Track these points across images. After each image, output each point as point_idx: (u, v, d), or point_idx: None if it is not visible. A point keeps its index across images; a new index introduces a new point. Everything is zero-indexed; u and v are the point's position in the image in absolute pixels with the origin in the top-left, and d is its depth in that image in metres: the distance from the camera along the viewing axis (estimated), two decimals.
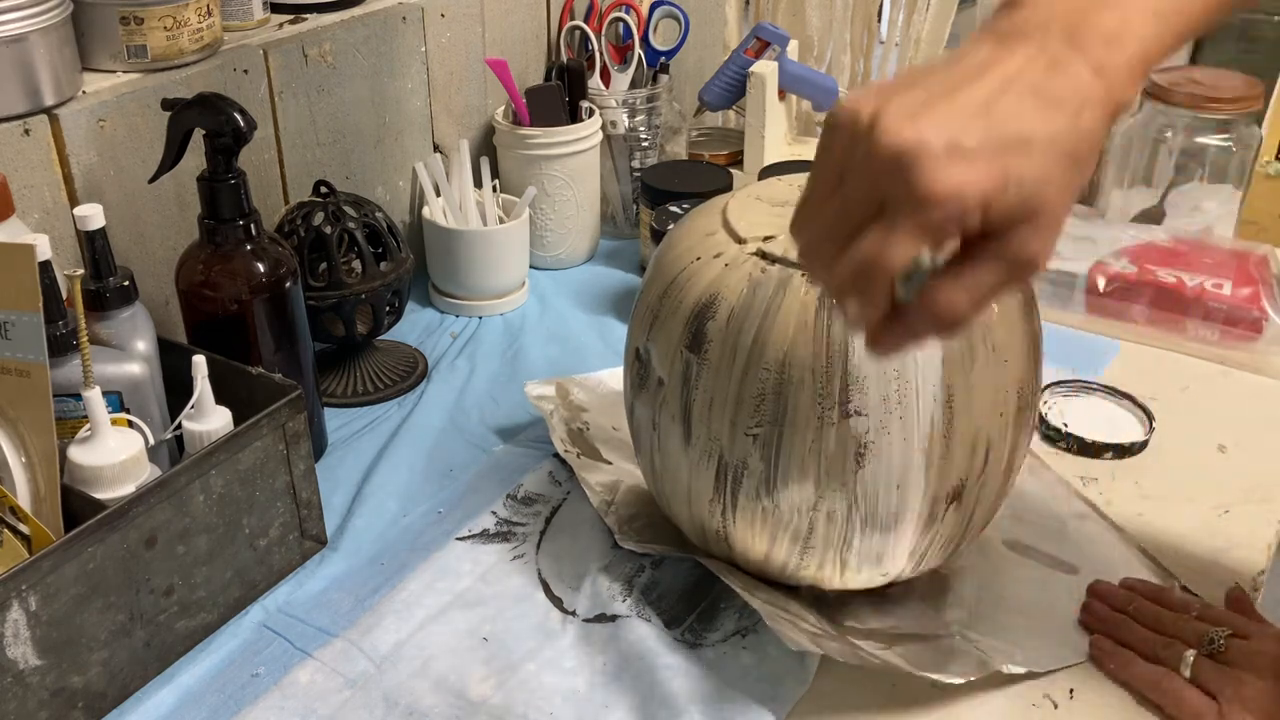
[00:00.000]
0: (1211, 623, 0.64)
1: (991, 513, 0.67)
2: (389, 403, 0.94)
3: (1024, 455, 0.66)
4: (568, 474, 0.83)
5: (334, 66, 0.98)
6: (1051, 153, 0.42)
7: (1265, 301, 0.99)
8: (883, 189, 0.42)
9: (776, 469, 0.60)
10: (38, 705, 0.60)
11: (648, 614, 0.70)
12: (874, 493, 0.60)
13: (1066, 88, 0.43)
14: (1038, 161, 0.42)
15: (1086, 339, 1.01)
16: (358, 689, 0.66)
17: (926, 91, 0.43)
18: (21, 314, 0.64)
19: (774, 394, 0.59)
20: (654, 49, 1.23)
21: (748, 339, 0.60)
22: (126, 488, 0.66)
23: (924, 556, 0.65)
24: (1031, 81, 0.43)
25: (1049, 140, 0.42)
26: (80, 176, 0.80)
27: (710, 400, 0.61)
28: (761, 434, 0.60)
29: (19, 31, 0.74)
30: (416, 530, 0.79)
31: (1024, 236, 0.43)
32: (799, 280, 0.60)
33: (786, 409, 0.59)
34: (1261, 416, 0.91)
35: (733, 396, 0.60)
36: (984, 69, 0.43)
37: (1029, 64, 0.43)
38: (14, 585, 0.57)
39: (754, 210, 0.66)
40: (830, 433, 0.59)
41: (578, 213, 1.15)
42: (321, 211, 0.91)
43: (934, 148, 0.41)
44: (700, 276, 0.62)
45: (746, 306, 0.60)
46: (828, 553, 0.63)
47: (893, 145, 0.41)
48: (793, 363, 0.58)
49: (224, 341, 0.77)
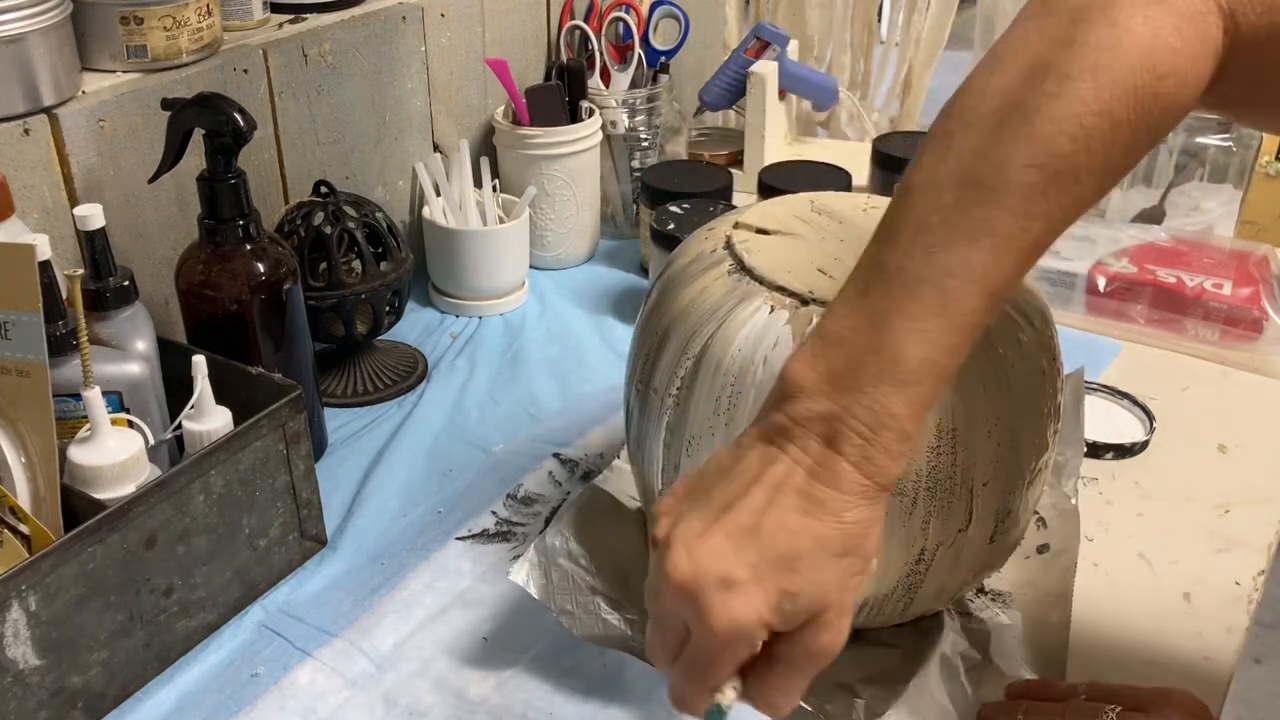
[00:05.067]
0: (1102, 700, 0.60)
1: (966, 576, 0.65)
2: (389, 403, 0.94)
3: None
4: (568, 474, 0.83)
5: (334, 66, 0.98)
6: (820, 559, 0.46)
7: (1265, 301, 0.99)
8: (681, 615, 0.47)
9: None
10: (37, 705, 0.60)
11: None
12: None
13: (827, 491, 0.46)
14: (808, 575, 0.46)
15: (1086, 339, 1.01)
16: (358, 689, 0.66)
17: (706, 509, 0.47)
18: (21, 314, 0.64)
19: None
20: (654, 49, 1.23)
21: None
22: (126, 488, 0.66)
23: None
24: (795, 487, 0.46)
25: (816, 548, 0.46)
26: (80, 176, 0.80)
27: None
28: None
29: (19, 31, 0.74)
30: (416, 530, 0.79)
31: (812, 634, 0.47)
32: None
33: None
34: (1261, 416, 0.91)
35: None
36: (754, 480, 0.47)
37: (792, 471, 0.47)
38: (14, 585, 0.57)
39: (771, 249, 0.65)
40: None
41: (578, 213, 1.15)
42: (321, 211, 0.91)
43: (709, 583, 0.45)
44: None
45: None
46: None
47: (676, 580, 0.46)
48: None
49: (224, 341, 0.77)
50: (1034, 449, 0.62)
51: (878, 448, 0.46)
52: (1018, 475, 0.61)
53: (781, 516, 0.46)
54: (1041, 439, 0.62)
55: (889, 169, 1.17)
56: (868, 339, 0.46)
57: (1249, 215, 1.26)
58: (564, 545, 0.71)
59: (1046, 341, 0.63)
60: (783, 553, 0.46)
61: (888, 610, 0.64)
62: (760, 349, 0.59)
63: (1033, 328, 0.62)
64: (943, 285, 0.45)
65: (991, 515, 0.61)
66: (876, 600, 0.63)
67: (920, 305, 0.46)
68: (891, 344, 0.46)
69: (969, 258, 0.45)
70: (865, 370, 0.46)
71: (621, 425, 0.86)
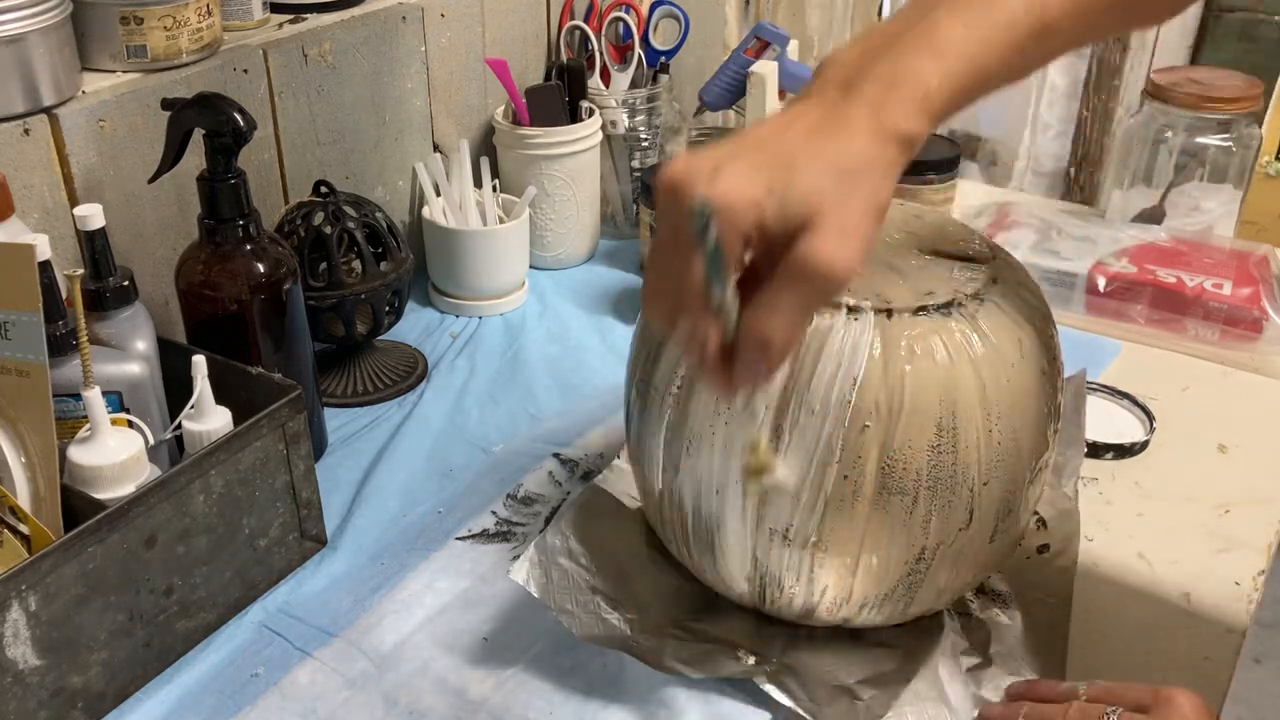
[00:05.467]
0: (1102, 700, 0.60)
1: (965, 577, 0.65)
2: (389, 403, 0.94)
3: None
4: (568, 474, 0.83)
5: (334, 66, 0.98)
6: (817, 166, 0.46)
7: (1265, 301, 0.99)
8: (672, 221, 0.47)
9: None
10: (37, 705, 0.60)
11: None
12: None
13: (838, 123, 0.47)
14: (803, 174, 0.46)
15: (1086, 339, 1.01)
16: (358, 689, 0.66)
17: (712, 149, 0.47)
18: (21, 314, 0.64)
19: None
20: (654, 49, 1.23)
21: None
22: (126, 488, 0.66)
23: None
24: (806, 125, 0.48)
25: (813, 155, 0.46)
26: (80, 176, 0.80)
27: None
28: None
29: (19, 31, 0.74)
30: (416, 530, 0.79)
31: (807, 242, 0.45)
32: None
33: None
34: (1261, 416, 0.91)
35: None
36: (766, 125, 0.49)
37: (805, 113, 0.48)
38: (14, 585, 0.57)
39: None
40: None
41: (578, 213, 1.15)
42: (321, 211, 0.91)
43: (700, 171, 0.46)
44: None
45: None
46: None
47: (668, 177, 0.46)
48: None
49: (224, 341, 0.77)
50: (1035, 448, 0.62)
51: (894, 98, 0.47)
52: (1019, 474, 0.61)
53: (788, 139, 0.47)
54: (1042, 438, 0.62)
55: None
56: (906, 24, 0.49)
57: (1249, 215, 1.25)
58: (564, 544, 0.71)
59: (1047, 342, 0.63)
60: (780, 154, 0.46)
61: (887, 610, 0.64)
62: None
63: (1033, 328, 0.62)
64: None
65: (992, 515, 0.61)
66: (876, 600, 0.63)
67: (966, 2, 0.49)
68: (931, 23, 0.48)
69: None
70: (899, 40, 0.48)
71: (621, 425, 0.86)
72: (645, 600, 0.70)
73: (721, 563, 0.65)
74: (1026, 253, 1.08)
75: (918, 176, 1.17)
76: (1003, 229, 1.14)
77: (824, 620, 0.65)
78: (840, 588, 0.62)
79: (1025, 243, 1.10)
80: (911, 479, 0.58)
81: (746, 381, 0.49)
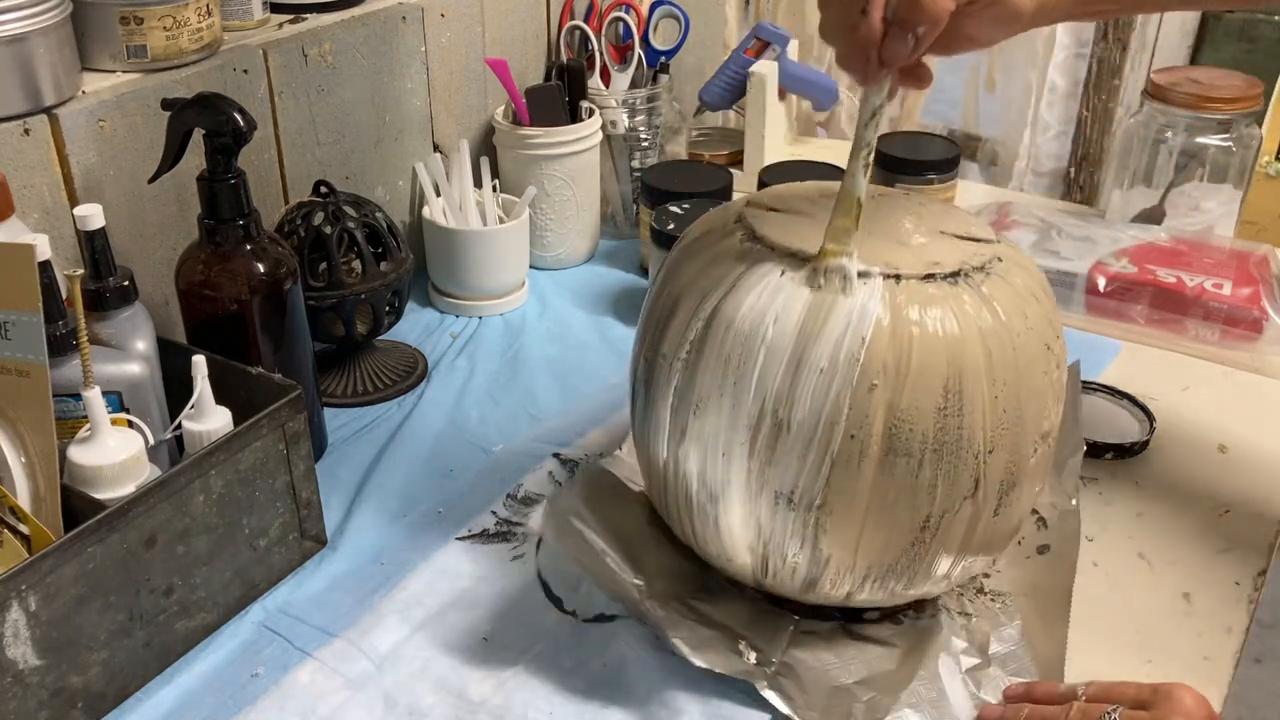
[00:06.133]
0: (1102, 699, 0.60)
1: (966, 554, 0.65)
2: (389, 403, 0.94)
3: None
4: (568, 474, 0.83)
5: (334, 66, 0.98)
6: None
7: (1265, 301, 0.99)
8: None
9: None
10: (37, 705, 0.60)
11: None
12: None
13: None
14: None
15: (1086, 339, 1.01)
16: (358, 689, 0.66)
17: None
18: (21, 314, 0.64)
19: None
20: (654, 49, 1.23)
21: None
22: (126, 488, 0.66)
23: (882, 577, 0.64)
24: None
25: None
26: (80, 176, 0.80)
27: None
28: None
29: (19, 31, 0.74)
30: (416, 530, 0.79)
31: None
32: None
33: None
34: (1261, 416, 0.91)
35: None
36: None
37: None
38: (14, 585, 0.57)
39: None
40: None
41: (578, 213, 1.15)
42: (321, 211, 0.91)
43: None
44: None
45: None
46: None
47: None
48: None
49: (224, 341, 0.77)
50: (1037, 420, 0.62)
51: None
52: (1022, 446, 0.61)
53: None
54: (1044, 412, 0.62)
55: (889, 169, 1.17)
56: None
57: (1249, 215, 1.25)
58: (573, 506, 0.73)
59: (1050, 316, 0.64)
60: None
61: (890, 586, 0.64)
62: (771, 310, 0.60)
63: (1036, 302, 0.63)
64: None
65: (996, 485, 0.61)
66: (879, 572, 0.63)
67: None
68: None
69: None
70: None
71: (621, 426, 0.87)
72: (650, 574, 0.71)
73: (725, 531, 0.65)
74: (1026, 252, 1.07)
75: (918, 176, 1.17)
76: (1003, 229, 1.14)
77: (825, 595, 0.65)
78: (843, 556, 0.62)
79: (1025, 243, 1.10)
80: (918, 441, 0.58)
81: (893, 56, 0.58)
